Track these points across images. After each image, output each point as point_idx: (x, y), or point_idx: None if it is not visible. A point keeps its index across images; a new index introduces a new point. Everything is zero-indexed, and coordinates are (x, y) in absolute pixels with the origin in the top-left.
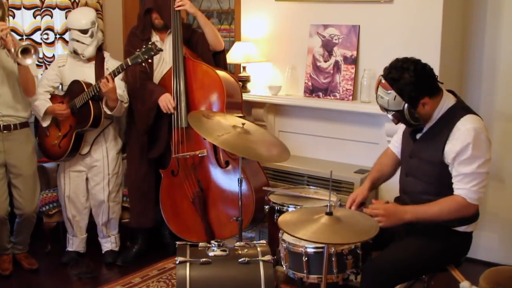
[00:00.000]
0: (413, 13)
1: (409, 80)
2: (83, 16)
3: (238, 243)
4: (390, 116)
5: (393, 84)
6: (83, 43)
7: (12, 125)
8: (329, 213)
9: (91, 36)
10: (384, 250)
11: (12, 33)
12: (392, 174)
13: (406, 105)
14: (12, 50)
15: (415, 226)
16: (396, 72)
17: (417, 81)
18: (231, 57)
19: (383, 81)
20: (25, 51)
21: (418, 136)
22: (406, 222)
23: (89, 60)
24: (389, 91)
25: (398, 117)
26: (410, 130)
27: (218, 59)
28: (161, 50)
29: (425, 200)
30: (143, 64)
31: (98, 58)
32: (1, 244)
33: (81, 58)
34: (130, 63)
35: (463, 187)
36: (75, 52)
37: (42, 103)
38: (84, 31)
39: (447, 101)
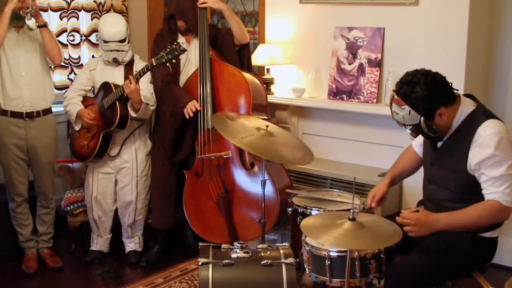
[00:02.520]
0: (439, 16)
1: (421, 93)
2: (118, 26)
3: (260, 245)
4: (408, 131)
5: (406, 99)
6: (122, 50)
7: (35, 112)
8: (352, 219)
9: (128, 42)
10: (408, 255)
11: None
12: (412, 171)
13: (422, 118)
14: (31, 7)
15: (440, 232)
16: (408, 87)
17: (430, 93)
18: (255, 59)
19: (395, 97)
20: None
21: (438, 144)
22: (438, 230)
23: (118, 63)
24: (403, 107)
25: (416, 130)
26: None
27: (243, 53)
28: (185, 50)
29: (449, 208)
30: (167, 64)
31: (128, 61)
32: (25, 233)
33: (113, 63)
34: (154, 64)
35: (496, 191)
36: (115, 61)
37: (74, 107)
38: (122, 40)
39: (465, 108)
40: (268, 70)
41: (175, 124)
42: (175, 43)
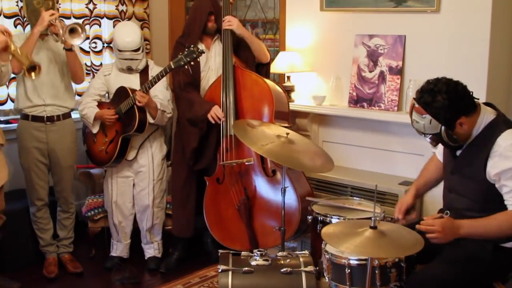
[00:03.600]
0: (460, 23)
1: (443, 102)
2: (133, 35)
3: (280, 253)
4: (428, 139)
5: (427, 108)
6: (136, 59)
7: (55, 116)
8: (373, 227)
9: (142, 50)
10: (428, 264)
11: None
12: (438, 181)
13: (443, 127)
14: (61, 32)
15: (461, 241)
16: (429, 96)
17: (451, 102)
18: (276, 67)
19: (416, 105)
20: (73, 31)
21: (458, 153)
22: (460, 237)
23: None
24: (423, 115)
25: (436, 139)
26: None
27: (261, 68)
28: (203, 52)
29: (469, 217)
30: (186, 67)
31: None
32: (45, 237)
33: (127, 71)
34: (173, 66)
35: None
36: (129, 69)
37: (91, 110)
38: (136, 50)
39: (485, 117)
40: (288, 77)
41: (200, 133)
42: (192, 46)
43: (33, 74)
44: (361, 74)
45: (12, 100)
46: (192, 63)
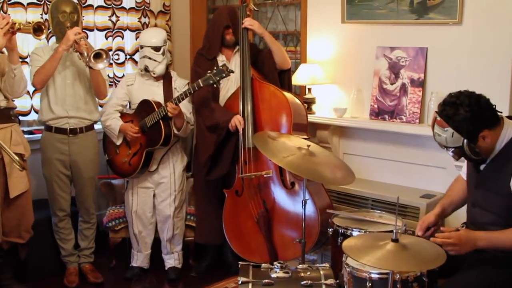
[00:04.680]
0: (483, 35)
1: (465, 115)
2: (156, 34)
3: (301, 265)
4: (450, 153)
5: (449, 121)
6: (155, 60)
7: (78, 129)
8: (395, 240)
9: (163, 53)
10: (451, 279)
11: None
12: (464, 202)
13: (465, 140)
14: (85, 53)
15: (485, 255)
16: (451, 109)
17: (473, 115)
18: (297, 79)
19: (438, 118)
20: (98, 56)
21: (482, 167)
22: (478, 248)
23: (157, 79)
24: (445, 128)
25: (459, 153)
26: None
27: (283, 77)
28: (232, 72)
29: None
30: (214, 85)
31: (166, 77)
32: (67, 247)
33: (150, 77)
34: (202, 85)
35: None
36: (146, 70)
37: (115, 121)
38: (156, 49)
39: (509, 130)
40: (309, 89)
41: (217, 139)
42: (221, 64)
43: (41, 36)
44: (382, 86)
45: (36, 111)
46: (220, 82)
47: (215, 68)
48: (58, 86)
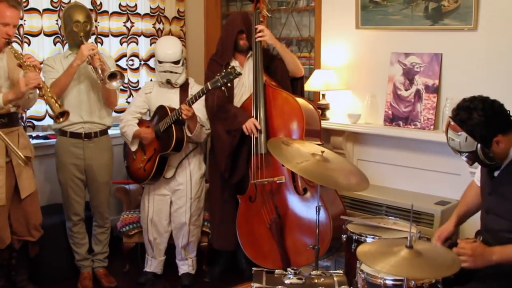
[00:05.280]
0: (498, 41)
1: (479, 119)
2: (173, 47)
3: (314, 271)
4: (463, 158)
5: (463, 125)
6: (176, 72)
7: (92, 133)
8: (410, 247)
9: (182, 64)
10: (467, 286)
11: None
12: (479, 208)
13: (479, 145)
14: (98, 69)
15: (500, 264)
16: (464, 113)
17: (487, 120)
18: (311, 85)
19: (452, 123)
20: (113, 75)
21: (496, 173)
22: (492, 263)
23: (172, 85)
24: (459, 133)
25: (472, 158)
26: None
27: (295, 84)
28: (240, 74)
29: (508, 240)
30: (223, 88)
31: (183, 84)
32: (81, 252)
33: (167, 85)
34: (210, 87)
35: None
36: (168, 83)
37: (130, 128)
38: (176, 62)
39: None
40: (323, 95)
41: (233, 141)
42: (230, 67)
43: (61, 119)
44: (397, 93)
45: (51, 116)
46: (228, 84)
47: (223, 71)
48: (72, 93)
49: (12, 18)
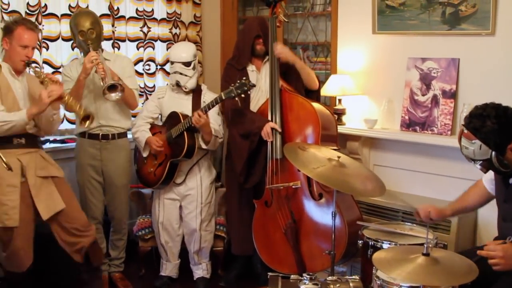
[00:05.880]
0: None
1: (492, 127)
2: (186, 50)
3: (330, 277)
4: (478, 166)
5: (476, 133)
6: (185, 75)
7: (110, 135)
8: (426, 254)
9: (193, 68)
10: None
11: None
12: (476, 208)
13: (493, 153)
14: (104, 78)
15: None
16: (478, 121)
17: (501, 127)
18: (327, 90)
19: (465, 131)
20: (112, 87)
21: (510, 181)
22: None
23: (187, 92)
24: (473, 141)
25: (487, 166)
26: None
27: (311, 96)
28: (253, 86)
29: None
30: (236, 99)
31: (195, 91)
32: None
33: (180, 90)
34: (224, 97)
35: None
36: (177, 85)
37: (143, 134)
38: (187, 64)
39: None
40: (340, 100)
41: (250, 145)
42: (244, 78)
43: (87, 123)
44: (413, 98)
45: (68, 120)
46: (242, 95)
47: (238, 81)
48: (89, 100)
49: (30, 41)
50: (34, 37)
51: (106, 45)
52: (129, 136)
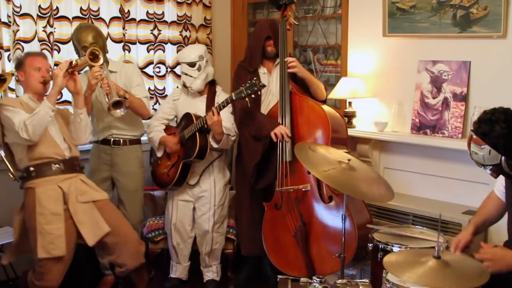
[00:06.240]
0: None
1: (501, 131)
2: (192, 51)
3: (340, 280)
4: (488, 171)
5: (485, 138)
6: (190, 76)
7: (121, 140)
8: (437, 257)
9: (198, 69)
10: None
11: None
12: (497, 219)
13: (503, 157)
14: (109, 94)
15: None
16: (486, 126)
17: (510, 131)
18: (337, 93)
19: (474, 136)
20: (117, 103)
21: None
22: None
23: (201, 93)
24: (482, 146)
25: (497, 171)
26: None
27: None
28: (264, 86)
29: None
30: (246, 99)
31: (210, 92)
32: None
33: (193, 92)
34: (234, 98)
35: None
36: (184, 86)
37: (157, 134)
38: (191, 64)
39: None
40: (350, 103)
41: (263, 148)
42: (254, 78)
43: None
44: (424, 101)
45: None
46: (252, 95)
47: (248, 82)
48: (100, 111)
49: (41, 63)
50: (44, 60)
51: (116, 47)
52: (144, 138)
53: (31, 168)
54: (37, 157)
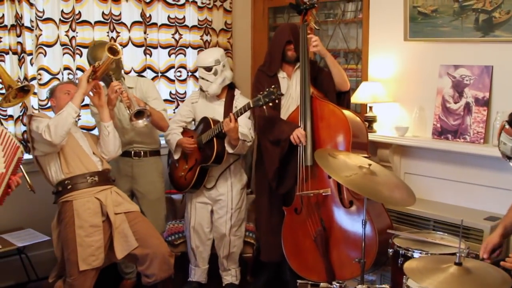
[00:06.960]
0: None
1: None
2: (209, 55)
3: (360, 285)
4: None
5: None
6: (207, 80)
7: (142, 152)
8: (459, 264)
9: (215, 73)
10: None
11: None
12: None
13: None
14: (130, 106)
15: None
16: None
17: None
18: (358, 97)
19: (507, 126)
20: (139, 113)
21: None
22: None
23: (219, 97)
24: None
25: None
26: None
27: (342, 98)
28: (282, 95)
29: None
30: (264, 107)
31: (228, 96)
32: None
33: (212, 95)
34: (252, 105)
35: None
36: (201, 89)
37: (174, 136)
38: (207, 69)
39: None
40: (371, 108)
41: (281, 152)
42: (273, 86)
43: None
44: (445, 105)
45: None
46: (270, 104)
47: (266, 89)
48: (120, 129)
49: (70, 87)
50: (74, 86)
51: (138, 51)
52: (162, 141)
53: (67, 181)
54: (72, 170)
